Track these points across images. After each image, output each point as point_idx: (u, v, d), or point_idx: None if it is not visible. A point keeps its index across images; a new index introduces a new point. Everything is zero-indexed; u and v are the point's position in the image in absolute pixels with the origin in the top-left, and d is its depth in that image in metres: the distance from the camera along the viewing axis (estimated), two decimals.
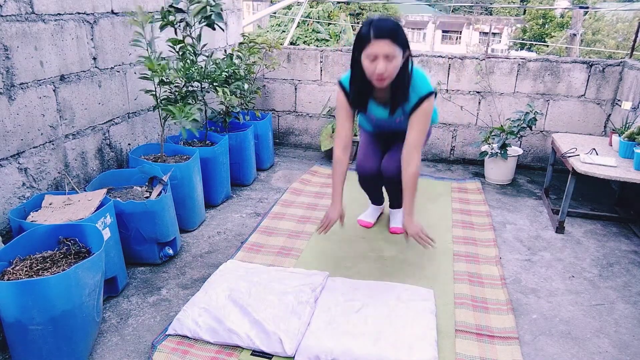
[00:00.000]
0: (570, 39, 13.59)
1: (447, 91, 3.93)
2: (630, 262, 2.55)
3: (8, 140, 1.98)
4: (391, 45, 1.96)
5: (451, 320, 2.00)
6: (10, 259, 1.76)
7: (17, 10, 1.96)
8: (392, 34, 1.96)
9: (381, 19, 2.00)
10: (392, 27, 1.98)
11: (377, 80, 2.05)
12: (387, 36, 1.95)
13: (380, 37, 1.95)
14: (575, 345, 1.91)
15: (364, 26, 2.01)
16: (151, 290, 2.20)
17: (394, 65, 2.01)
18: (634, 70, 3.39)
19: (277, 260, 2.45)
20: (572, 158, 2.78)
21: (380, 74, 2.00)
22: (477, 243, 2.67)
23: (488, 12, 28.69)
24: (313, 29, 9.30)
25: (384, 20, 2.00)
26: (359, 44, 2.04)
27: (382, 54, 1.97)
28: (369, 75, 2.06)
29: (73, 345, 1.68)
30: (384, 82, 2.06)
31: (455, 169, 3.96)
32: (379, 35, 1.95)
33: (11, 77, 1.97)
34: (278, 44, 3.93)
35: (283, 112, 4.35)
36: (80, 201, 2.11)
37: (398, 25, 2.01)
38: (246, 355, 1.78)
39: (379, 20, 1.99)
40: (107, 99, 2.59)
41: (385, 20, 2.00)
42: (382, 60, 1.98)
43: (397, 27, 1.99)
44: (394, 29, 1.97)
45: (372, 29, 1.96)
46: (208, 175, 2.92)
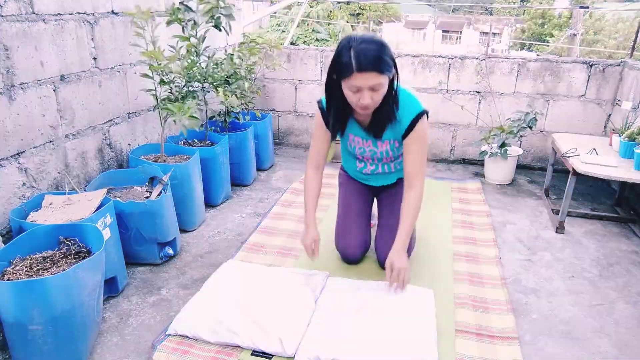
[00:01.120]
0: (570, 39, 13.60)
1: (447, 91, 3.93)
2: (630, 262, 2.55)
3: (8, 140, 1.98)
4: (377, 76, 1.73)
5: (451, 320, 2.00)
6: (10, 259, 1.76)
7: (17, 10, 1.96)
8: (377, 63, 1.71)
9: (363, 42, 1.72)
10: (376, 54, 1.71)
11: (361, 109, 1.86)
12: (371, 68, 1.71)
13: (364, 70, 1.71)
14: (575, 345, 1.91)
15: (344, 52, 1.73)
16: (151, 290, 2.20)
17: (380, 94, 1.80)
18: (634, 70, 3.39)
19: (277, 260, 2.45)
20: (572, 158, 2.78)
21: (365, 105, 1.81)
22: (477, 243, 2.67)
23: (488, 12, 28.70)
24: (313, 29, 9.30)
25: (366, 46, 1.71)
26: (339, 72, 1.78)
27: (367, 87, 1.75)
28: (352, 104, 1.86)
29: (73, 345, 1.68)
30: (369, 111, 1.88)
31: (455, 169, 3.96)
32: (362, 67, 1.70)
33: (11, 77, 1.97)
34: (279, 44, 3.93)
35: (283, 112, 4.35)
36: (80, 201, 2.11)
37: (382, 47, 1.74)
38: (246, 355, 1.78)
39: (361, 45, 1.71)
40: (107, 99, 2.59)
41: (368, 45, 1.72)
42: (367, 93, 1.76)
43: (382, 52, 1.73)
44: (378, 56, 1.71)
45: (354, 60, 1.70)
46: (208, 175, 2.92)
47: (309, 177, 2.18)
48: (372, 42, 1.73)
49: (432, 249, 2.56)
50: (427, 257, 2.48)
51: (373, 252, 2.52)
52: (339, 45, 1.77)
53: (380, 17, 22.09)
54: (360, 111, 1.89)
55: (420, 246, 2.54)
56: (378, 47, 1.73)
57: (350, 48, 1.72)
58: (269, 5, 7.33)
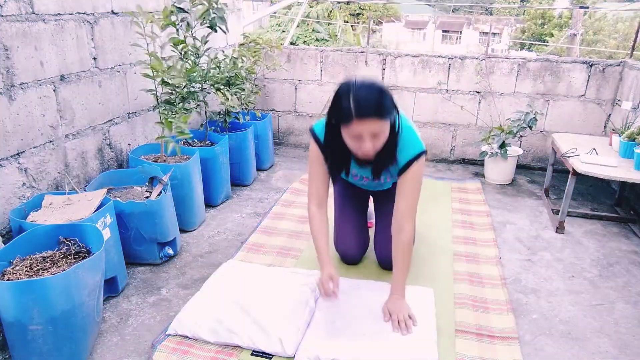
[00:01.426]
0: (570, 39, 13.60)
1: (447, 91, 3.93)
2: (630, 262, 2.55)
3: (8, 140, 1.98)
4: (378, 122, 1.66)
5: (451, 320, 2.00)
6: (10, 259, 1.76)
7: (17, 10, 1.96)
8: (378, 109, 1.64)
9: (362, 88, 1.65)
10: (376, 100, 1.64)
11: (363, 155, 1.78)
12: (372, 114, 1.64)
13: (365, 117, 1.63)
14: (575, 345, 1.91)
15: (343, 97, 1.66)
16: (151, 290, 2.20)
17: (381, 140, 1.72)
18: (634, 70, 3.39)
19: (277, 260, 2.45)
20: (572, 158, 2.78)
21: (366, 152, 1.73)
22: (477, 243, 2.67)
23: (488, 12, 28.70)
24: (313, 29, 9.30)
25: (366, 92, 1.64)
26: (338, 118, 1.71)
27: (368, 133, 1.67)
28: (352, 150, 1.78)
29: (73, 345, 1.68)
30: (370, 156, 1.79)
31: (455, 169, 3.96)
32: (362, 115, 1.63)
33: (11, 77, 1.97)
34: (279, 44, 3.93)
35: (283, 112, 4.35)
36: (80, 201, 2.11)
37: (382, 92, 1.67)
38: (246, 355, 1.78)
39: (360, 91, 1.64)
40: (107, 99, 2.59)
41: (368, 91, 1.65)
42: (368, 139, 1.68)
43: (382, 97, 1.66)
44: (378, 102, 1.65)
45: (354, 106, 1.62)
46: (208, 175, 2.92)
47: (313, 216, 1.99)
48: (371, 88, 1.67)
49: (432, 249, 2.56)
50: (427, 257, 2.48)
51: (372, 252, 2.52)
52: (338, 90, 1.70)
53: (380, 17, 22.09)
54: (361, 157, 1.82)
55: (420, 246, 2.54)
56: (378, 92, 1.66)
57: (349, 94, 1.64)
58: (269, 5, 7.33)
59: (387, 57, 3.96)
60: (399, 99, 4.01)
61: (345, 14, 15.63)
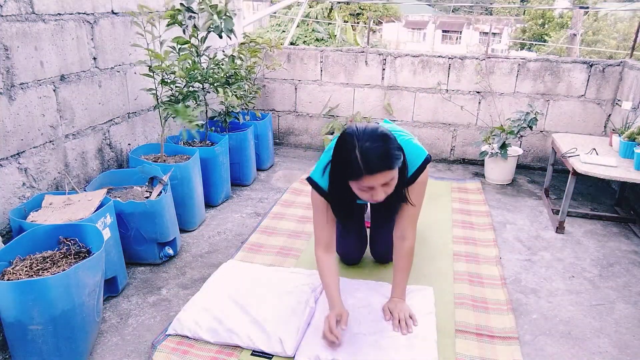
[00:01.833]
0: (570, 39, 13.60)
1: (447, 91, 3.93)
2: (630, 262, 2.55)
3: (8, 140, 1.98)
4: (388, 173, 1.60)
5: (451, 320, 2.00)
6: (10, 259, 1.76)
7: (17, 10, 1.96)
8: (388, 161, 1.58)
9: (367, 141, 1.57)
10: (384, 152, 1.57)
11: (374, 202, 1.73)
12: (383, 168, 1.58)
13: (375, 172, 1.57)
14: (575, 345, 1.91)
15: (349, 153, 1.58)
16: (151, 290, 2.20)
17: (392, 186, 1.67)
18: (634, 70, 3.39)
19: (277, 260, 2.45)
20: (572, 158, 2.78)
21: (378, 200, 1.66)
22: (477, 243, 2.67)
23: (488, 12, 28.69)
24: (312, 29, 9.30)
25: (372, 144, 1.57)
26: (345, 174, 1.64)
27: (380, 185, 1.62)
28: (363, 198, 1.71)
29: (73, 345, 1.68)
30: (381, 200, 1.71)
31: (455, 169, 3.96)
32: (372, 170, 1.57)
33: (11, 77, 1.97)
34: (279, 44, 3.93)
35: (283, 112, 4.35)
36: (80, 201, 2.11)
37: (387, 141, 1.60)
38: (246, 355, 1.78)
39: (366, 145, 1.56)
40: (107, 99, 2.59)
41: (374, 143, 1.57)
42: (380, 189, 1.63)
43: (389, 147, 1.59)
44: (387, 153, 1.58)
45: (362, 162, 1.55)
46: (208, 175, 2.92)
47: (322, 260, 1.91)
48: (377, 139, 1.59)
49: (432, 249, 2.56)
50: (427, 257, 2.48)
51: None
52: (341, 142, 1.63)
53: (380, 17, 22.09)
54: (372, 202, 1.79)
55: (420, 246, 2.54)
56: (384, 142, 1.59)
57: (355, 148, 1.57)
58: (269, 5, 7.34)
59: (387, 57, 3.96)
60: (399, 99, 4.03)
61: (345, 14, 15.63)
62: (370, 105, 4.11)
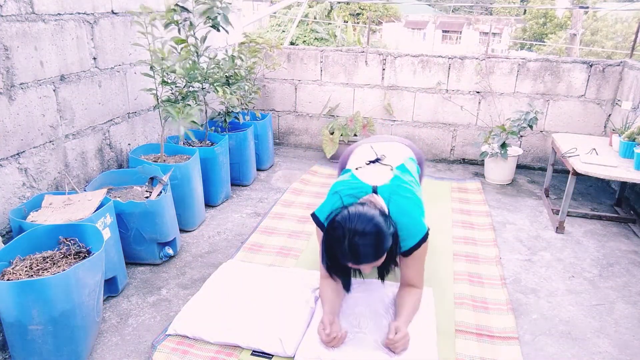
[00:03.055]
0: (570, 39, 13.60)
1: (447, 91, 3.93)
2: (630, 262, 2.55)
3: (8, 140, 1.98)
4: (377, 261, 1.68)
5: (451, 320, 2.00)
6: (10, 259, 1.76)
7: (17, 10, 1.96)
8: (375, 257, 1.65)
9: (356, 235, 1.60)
10: (373, 248, 1.62)
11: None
12: (368, 261, 1.65)
13: (361, 263, 1.66)
14: (575, 345, 1.91)
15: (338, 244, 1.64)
16: (151, 290, 2.20)
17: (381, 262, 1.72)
18: (634, 70, 3.39)
19: (277, 260, 2.45)
20: (572, 158, 2.78)
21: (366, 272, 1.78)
22: (477, 243, 2.67)
23: (488, 12, 28.69)
24: (312, 29, 9.30)
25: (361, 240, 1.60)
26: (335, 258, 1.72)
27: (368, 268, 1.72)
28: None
29: (73, 345, 1.68)
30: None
31: (455, 169, 3.96)
32: (360, 262, 1.65)
33: (11, 77, 1.97)
34: (279, 44, 3.93)
35: (283, 112, 4.35)
36: (80, 201, 2.11)
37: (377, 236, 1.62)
38: (246, 355, 1.78)
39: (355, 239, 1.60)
40: (107, 99, 2.59)
41: (363, 239, 1.60)
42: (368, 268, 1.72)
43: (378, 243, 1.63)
44: (375, 251, 1.63)
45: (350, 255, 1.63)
46: (208, 175, 2.92)
47: (325, 283, 1.95)
48: (367, 235, 1.61)
49: (432, 249, 2.55)
50: (427, 257, 2.47)
51: None
52: (331, 231, 1.67)
53: (380, 17, 22.10)
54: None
55: None
56: (374, 238, 1.62)
57: (344, 239, 1.62)
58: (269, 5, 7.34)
59: (387, 57, 3.96)
60: (399, 99, 4.03)
61: (345, 14, 15.64)
62: (370, 105, 4.11)
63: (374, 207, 1.71)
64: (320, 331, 1.77)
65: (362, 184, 1.87)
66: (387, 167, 1.98)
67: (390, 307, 1.98)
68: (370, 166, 2.00)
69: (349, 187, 1.88)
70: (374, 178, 1.90)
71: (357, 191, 1.86)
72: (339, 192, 1.87)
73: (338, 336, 1.75)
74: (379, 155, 2.05)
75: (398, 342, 1.72)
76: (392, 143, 2.24)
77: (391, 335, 1.74)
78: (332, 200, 1.89)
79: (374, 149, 2.13)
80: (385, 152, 2.08)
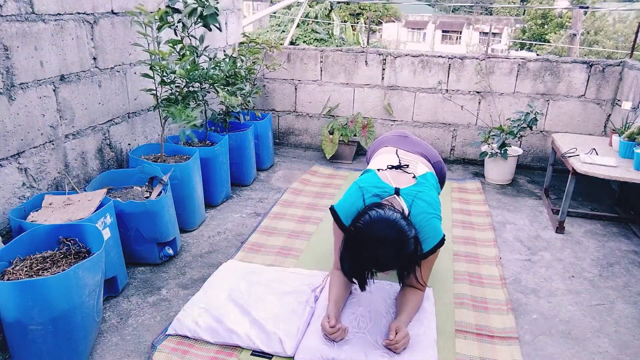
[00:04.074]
0: (570, 39, 13.60)
1: (447, 91, 3.93)
2: (630, 262, 2.55)
3: (8, 140, 1.98)
4: (399, 266, 1.72)
5: (451, 320, 2.00)
6: (10, 259, 1.76)
7: (17, 10, 1.96)
8: (395, 265, 1.69)
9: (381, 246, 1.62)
10: (394, 260, 1.65)
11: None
12: (390, 269, 1.70)
13: (382, 270, 1.71)
14: (575, 345, 1.91)
15: (363, 250, 1.65)
16: (151, 290, 2.20)
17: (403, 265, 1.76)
18: (634, 70, 3.39)
19: (277, 260, 2.45)
20: (572, 158, 2.78)
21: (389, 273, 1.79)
22: (477, 243, 2.67)
23: (488, 12, 28.69)
24: (312, 29, 9.30)
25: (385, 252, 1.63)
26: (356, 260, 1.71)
27: (390, 272, 1.76)
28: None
29: (73, 345, 1.68)
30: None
31: (455, 169, 3.96)
32: (380, 269, 1.70)
33: (11, 77, 1.97)
34: (279, 44, 3.93)
35: (283, 112, 4.35)
36: (80, 201, 2.11)
37: (402, 245, 1.64)
38: (246, 355, 1.78)
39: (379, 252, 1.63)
40: (107, 99, 2.59)
41: (387, 250, 1.63)
42: (390, 272, 1.76)
43: (401, 254, 1.65)
44: (396, 260, 1.66)
45: (371, 263, 1.67)
46: (208, 175, 2.92)
47: (335, 274, 1.97)
48: (388, 242, 1.62)
49: None
50: None
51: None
52: (352, 237, 1.68)
53: (380, 17, 22.10)
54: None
55: None
56: (395, 246, 1.62)
57: (367, 248, 1.63)
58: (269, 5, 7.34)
59: (387, 57, 3.96)
60: (399, 99, 4.03)
61: (345, 14, 15.64)
62: (370, 105, 4.11)
63: (395, 210, 1.70)
64: (324, 323, 1.77)
65: (386, 185, 1.88)
66: (409, 175, 1.98)
67: (392, 308, 1.98)
68: (393, 170, 2.00)
69: (373, 186, 1.88)
70: (397, 181, 1.91)
71: (381, 191, 1.86)
72: (363, 189, 1.87)
73: (342, 329, 1.76)
74: (402, 163, 2.05)
75: (399, 342, 1.72)
76: (418, 157, 2.21)
77: (391, 335, 1.74)
78: (354, 196, 1.88)
79: (399, 156, 2.13)
80: (409, 163, 2.08)
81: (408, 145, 2.30)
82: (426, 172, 2.05)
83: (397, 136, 2.39)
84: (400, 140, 2.34)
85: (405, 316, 1.85)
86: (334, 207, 1.94)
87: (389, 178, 1.93)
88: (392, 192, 1.85)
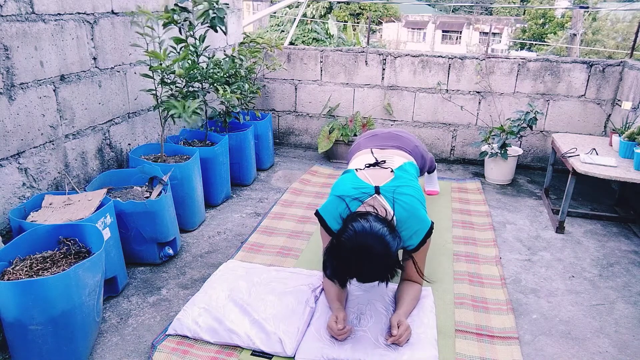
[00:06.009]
0: (570, 39, 13.60)
1: (447, 91, 3.93)
2: (630, 262, 2.55)
3: (8, 140, 1.98)
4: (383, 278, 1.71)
5: (451, 320, 2.00)
6: (10, 259, 1.76)
7: (17, 10, 1.96)
8: (383, 275, 1.67)
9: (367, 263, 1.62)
10: (379, 275, 1.66)
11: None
12: (377, 279, 1.69)
13: (368, 282, 1.72)
14: (575, 345, 1.91)
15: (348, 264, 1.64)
16: (151, 290, 2.20)
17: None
18: (634, 70, 3.39)
19: (277, 260, 2.45)
20: (572, 158, 2.78)
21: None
22: (477, 243, 2.67)
23: (488, 12, 28.70)
24: (311, 29, 9.31)
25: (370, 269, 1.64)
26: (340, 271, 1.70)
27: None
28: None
29: (73, 345, 1.68)
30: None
31: (455, 169, 3.96)
32: (366, 282, 1.72)
33: (11, 77, 1.97)
34: (279, 44, 3.93)
35: (283, 112, 4.35)
36: (80, 201, 2.11)
37: (386, 260, 1.64)
38: (246, 355, 1.78)
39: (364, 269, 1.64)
40: (107, 99, 2.59)
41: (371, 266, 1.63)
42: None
43: (386, 270, 1.66)
44: (381, 276, 1.66)
45: (356, 277, 1.67)
46: (208, 175, 2.92)
47: (329, 282, 1.91)
48: (373, 258, 1.62)
49: (432, 249, 2.55)
50: (427, 257, 2.48)
51: None
52: (336, 250, 1.67)
53: (380, 17, 22.10)
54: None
55: None
56: (380, 261, 1.63)
57: (352, 263, 1.63)
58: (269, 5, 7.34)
59: (387, 57, 3.96)
60: (399, 99, 4.03)
61: (345, 14, 15.64)
62: (370, 105, 4.11)
63: (379, 219, 1.70)
64: (332, 324, 1.77)
65: (365, 185, 1.90)
66: (387, 170, 2.01)
67: (391, 305, 1.99)
68: (371, 169, 2.03)
69: (351, 188, 1.90)
70: (376, 179, 1.94)
71: (360, 192, 1.87)
72: (342, 197, 1.89)
73: (348, 329, 1.79)
74: (378, 160, 2.09)
75: (402, 335, 1.75)
76: (392, 150, 2.26)
77: (394, 331, 1.75)
78: (335, 203, 1.91)
79: (374, 154, 2.18)
80: (385, 158, 2.12)
81: (379, 141, 2.35)
82: (403, 163, 2.08)
83: (367, 138, 2.44)
84: (371, 140, 2.40)
85: (404, 309, 1.88)
86: (319, 211, 1.96)
87: (368, 177, 1.95)
88: (372, 192, 1.87)
